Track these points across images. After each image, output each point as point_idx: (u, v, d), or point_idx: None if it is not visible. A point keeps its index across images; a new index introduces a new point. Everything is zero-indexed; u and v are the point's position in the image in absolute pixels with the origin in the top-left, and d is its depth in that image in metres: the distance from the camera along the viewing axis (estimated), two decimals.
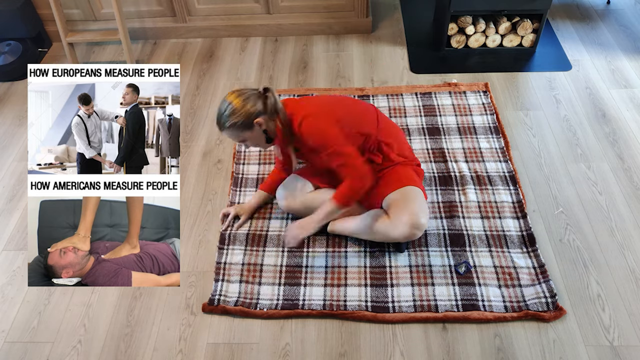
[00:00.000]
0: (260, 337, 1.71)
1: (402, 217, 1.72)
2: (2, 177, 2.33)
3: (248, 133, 1.68)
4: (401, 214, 1.73)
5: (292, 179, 1.97)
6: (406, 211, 1.72)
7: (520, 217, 1.99)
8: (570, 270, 1.84)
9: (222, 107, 1.65)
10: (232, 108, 1.63)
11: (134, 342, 1.72)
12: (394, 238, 1.77)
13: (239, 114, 1.63)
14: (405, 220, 1.72)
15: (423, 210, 1.74)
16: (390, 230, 1.75)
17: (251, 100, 1.65)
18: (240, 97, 1.64)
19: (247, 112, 1.63)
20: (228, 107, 1.64)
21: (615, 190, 2.09)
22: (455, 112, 2.46)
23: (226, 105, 1.64)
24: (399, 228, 1.73)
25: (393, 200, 1.78)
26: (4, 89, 2.82)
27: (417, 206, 1.74)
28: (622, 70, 2.66)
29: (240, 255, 1.93)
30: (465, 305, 1.74)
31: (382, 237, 1.81)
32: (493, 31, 2.77)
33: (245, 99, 1.64)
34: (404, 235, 1.74)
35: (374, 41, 2.98)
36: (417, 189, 1.80)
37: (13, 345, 1.74)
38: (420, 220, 1.72)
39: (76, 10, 2.95)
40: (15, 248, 2.03)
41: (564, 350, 1.63)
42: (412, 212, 1.72)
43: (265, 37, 3.07)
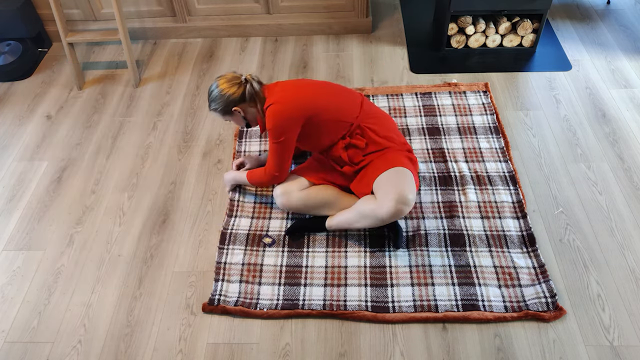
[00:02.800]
0: (260, 337, 1.72)
1: (388, 194, 1.70)
2: (2, 177, 2.33)
3: (228, 117, 1.89)
4: (387, 191, 1.71)
5: (288, 177, 1.97)
6: (391, 188, 1.71)
7: (520, 217, 1.99)
8: (570, 270, 1.84)
9: (209, 90, 1.86)
10: (215, 94, 1.83)
11: (134, 342, 1.72)
12: (383, 218, 1.73)
13: (220, 100, 1.82)
14: (390, 197, 1.70)
15: (409, 186, 1.72)
16: (377, 210, 1.73)
17: (233, 88, 1.81)
18: (224, 85, 1.82)
19: (226, 100, 1.82)
20: (213, 92, 1.84)
21: (615, 190, 2.09)
22: (455, 112, 2.46)
23: (212, 90, 1.84)
24: (385, 205, 1.70)
25: (379, 180, 1.77)
26: (4, 89, 2.82)
27: (403, 182, 1.72)
28: (622, 70, 2.66)
29: (240, 255, 1.93)
30: (465, 305, 1.74)
31: (373, 220, 1.77)
32: (493, 31, 2.77)
33: (229, 87, 1.81)
34: (390, 212, 1.70)
35: (374, 41, 2.98)
36: (405, 169, 1.78)
37: (13, 345, 1.74)
38: (406, 195, 1.69)
39: (76, 10, 2.95)
40: (15, 248, 2.03)
41: (564, 350, 1.63)
42: (397, 187, 1.70)
43: (265, 37, 3.07)
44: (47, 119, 2.61)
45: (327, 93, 1.85)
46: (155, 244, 2.01)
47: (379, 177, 1.78)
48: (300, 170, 1.99)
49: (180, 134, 2.47)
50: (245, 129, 2.44)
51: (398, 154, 1.85)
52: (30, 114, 2.65)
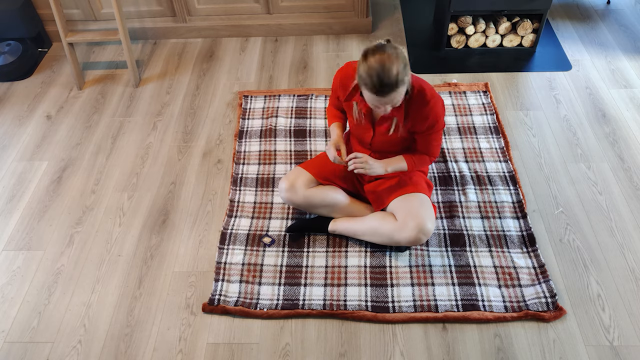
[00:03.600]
0: (260, 337, 1.71)
1: (410, 221, 1.72)
2: (2, 177, 2.33)
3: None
4: (409, 217, 1.73)
5: (295, 173, 1.91)
6: (414, 215, 1.73)
7: (520, 217, 1.99)
8: (570, 270, 1.84)
9: (388, 66, 1.42)
10: (404, 62, 1.45)
11: (134, 342, 1.72)
12: (398, 241, 1.77)
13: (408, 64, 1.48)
14: (412, 225, 1.72)
15: (430, 217, 1.75)
16: (396, 233, 1.75)
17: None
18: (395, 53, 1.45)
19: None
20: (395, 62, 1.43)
21: (615, 190, 2.09)
22: (455, 112, 2.46)
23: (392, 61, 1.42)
24: (406, 232, 1.73)
25: (402, 203, 1.77)
26: (4, 89, 2.82)
27: (425, 212, 1.75)
28: (622, 70, 2.66)
29: (241, 255, 1.93)
30: (465, 305, 1.74)
31: (386, 240, 1.80)
32: (493, 31, 2.77)
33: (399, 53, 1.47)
34: (409, 239, 1.74)
35: (374, 41, 2.97)
36: (427, 197, 1.81)
37: (13, 345, 1.74)
38: (427, 226, 1.72)
39: (76, 10, 2.95)
40: (15, 248, 2.03)
41: (564, 350, 1.63)
42: (420, 216, 1.72)
43: (265, 37, 3.07)
44: (47, 119, 2.61)
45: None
46: (155, 244, 2.01)
47: (401, 199, 1.78)
48: (308, 167, 1.93)
49: (180, 134, 2.47)
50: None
51: (419, 178, 1.86)
52: (30, 114, 2.65)
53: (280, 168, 2.25)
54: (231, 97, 2.66)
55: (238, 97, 2.65)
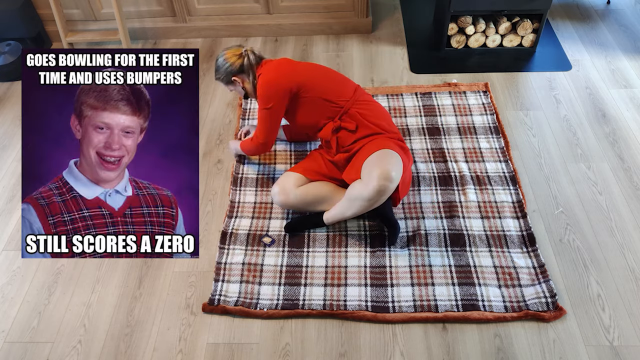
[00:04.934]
0: (260, 337, 1.71)
1: (372, 173, 1.70)
2: (2, 177, 2.33)
3: (231, 86, 2.04)
4: (371, 170, 1.71)
5: (285, 176, 1.98)
6: (376, 167, 1.70)
7: (520, 217, 1.99)
8: (570, 270, 1.84)
9: (216, 60, 2.01)
10: (218, 64, 1.99)
11: (134, 342, 1.72)
12: (368, 197, 1.72)
13: (222, 70, 1.98)
14: (374, 175, 1.69)
15: (393, 165, 1.71)
16: (363, 190, 1.72)
17: (233, 58, 1.96)
18: (227, 55, 1.97)
19: (226, 70, 1.97)
20: (217, 62, 1.99)
21: (615, 190, 2.09)
22: (455, 112, 2.46)
23: (217, 59, 2.00)
24: (370, 184, 1.70)
25: (366, 163, 1.76)
26: (3, 89, 2.82)
27: (387, 161, 1.71)
28: (622, 70, 2.66)
29: (241, 255, 1.93)
30: (465, 305, 1.74)
31: (361, 202, 1.76)
32: (493, 31, 2.77)
33: (230, 57, 1.96)
34: (374, 190, 1.69)
35: (374, 41, 2.98)
36: (391, 151, 1.77)
37: (13, 345, 1.74)
38: (389, 172, 1.68)
39: (76, 10, 2.95)
40: (15, 248, 2.03)
41: (564, 350, 1.63)
42: (381, 166, 1.70)
43: (265, 37, 3.07)
44: None
45: (322, 74, 1.97)
46: None
47: (366, 161, 1.77)
48: (296, 168, 2.01)
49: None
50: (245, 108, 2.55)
51: (388, 140, 1.84)
52: None
53: (280, 168, 2.25)
54: (231, 97, 2.66)
55: (238, 97, 2.65)
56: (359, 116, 1.89)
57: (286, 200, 1.94)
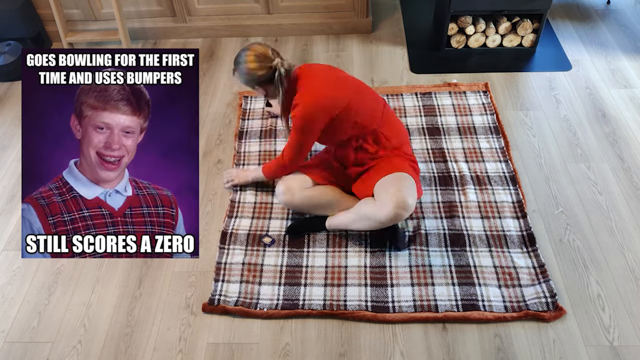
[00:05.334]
0: (260, 337, 1.72)
1: (388, 198, 1.70)
2: (2, 177, 2.33)
3: (250, 89, 1.95)
4: (387, 195, 1.71)
5: (291, 176, 1.95)
6: (392, 192, 1.71)
7: (520, 217, 1.99)
8: (570, 270, 1.84)
9: (238, 59, 1.78)
10: (241, 69, 1.76)
11: (134, 342, 1.72)
12: (381, 220, 1.74)
13: (245, 76, 1.77)
14: (390, 201, 1.69)
15: (410, 191, 1.72)
16: (376, 212, 1.73)
17: (261, 70, 1.74)
18: (253, 64, 1.74)
19: (251, 78, 1.76)
20: (240, 66, 1.76)
21: (615, 190, 2.09)
22: (455, 112, 2.46)
23: (239, 61, 1.77)
24: (385, 209, 1.70)
25: (381, 184, 1.77)
26: (3, 89, 2.82)
27: (404, 187, 1.72)
28: (622, 70, 2.66)
29: (241, 255, 1.93)
30: (465, 305, 1.74)
31: (372, 222, 1.77)
32: (493, 31, 2.77)
33: (256, 67, 1.73)
34: (389, 216, 1.70)
35: (374, 41, 2.98)
36: (407, 175, 1.78)
37: (13, 345, 1.74)
38: (406, 200, 1.69)
39: (76, 10, 2.95)
40: (15, 248, 2.03)
41: (564, 350, 1.63)
42: (398, 192, 1.70)
43: (265, 37, 3.07)
44: None
45: (360, 96, 1.83)
46: None
47: (381, 180, 1.78)
48: (304, 169, 1.98)
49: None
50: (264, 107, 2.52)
51: (403, 161, 1.85)
52: None
53: None
54: (231, 97, 2.66)
55: (238, 97, 2.65)
56: (382, 138, 1.85)
57: (290, 201, 1.93)
